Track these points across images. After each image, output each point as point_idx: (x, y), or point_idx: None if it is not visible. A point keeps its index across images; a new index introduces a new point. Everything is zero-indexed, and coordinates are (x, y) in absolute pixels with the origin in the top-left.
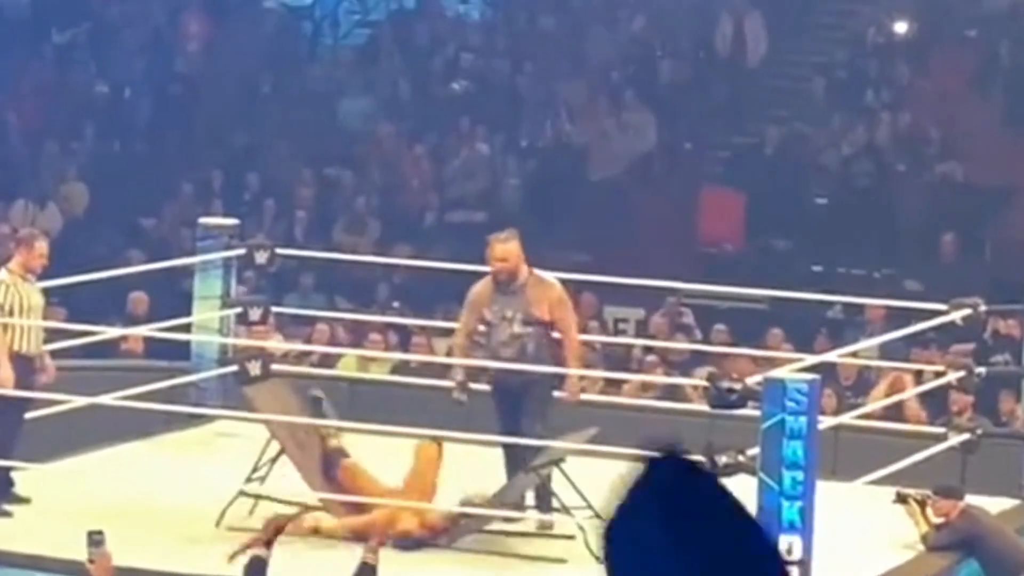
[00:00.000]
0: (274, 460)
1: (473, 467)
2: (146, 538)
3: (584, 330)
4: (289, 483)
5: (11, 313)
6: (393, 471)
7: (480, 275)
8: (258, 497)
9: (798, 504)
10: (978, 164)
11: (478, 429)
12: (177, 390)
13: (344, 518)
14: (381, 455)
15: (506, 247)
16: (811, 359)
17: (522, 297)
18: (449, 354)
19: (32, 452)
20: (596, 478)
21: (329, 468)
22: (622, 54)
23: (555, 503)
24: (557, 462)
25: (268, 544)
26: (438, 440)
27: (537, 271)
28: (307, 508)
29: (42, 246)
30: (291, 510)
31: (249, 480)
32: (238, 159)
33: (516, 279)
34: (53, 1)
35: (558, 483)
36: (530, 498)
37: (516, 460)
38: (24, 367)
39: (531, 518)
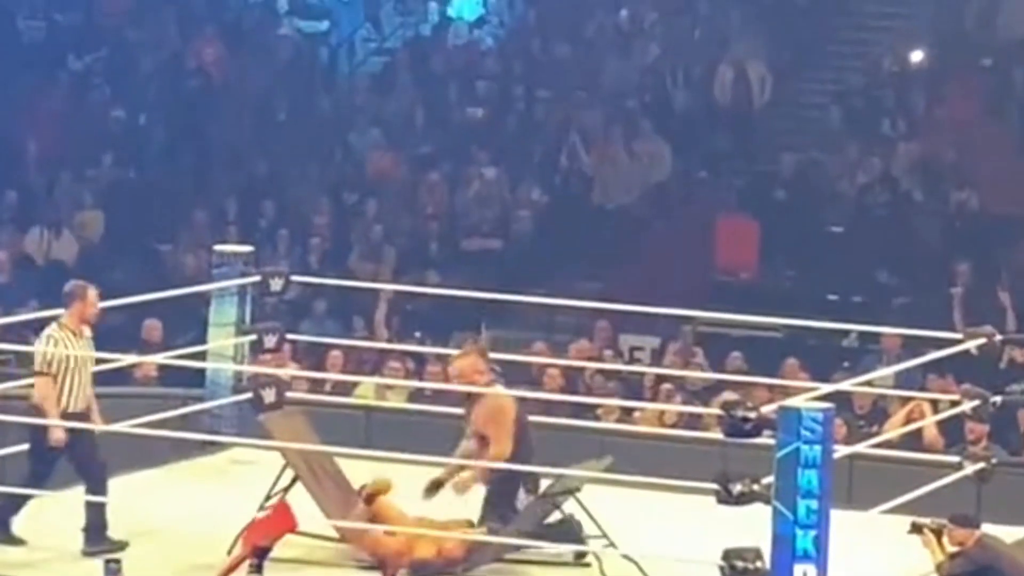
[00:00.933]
0: (287, 489)
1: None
2: (161, 566)
3: (599, 358)
4: (303, 512)
5: (57, 370)
6: (409, 499)
7: (496, 303)
8: None
9: (813, 533)
10: (994, 192)
11: None
12: (191, 418)
13: (361, 547)
14: (397, 483)
15: (458, 363)
16: (826, 388)
17: (474, 411)
18: None
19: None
20: (612, 507)
21: (350, 496)
22: (637, 83)
23: (571, 532)
24: (572, 491)
25: (259, 568)
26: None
27: (492, 386)
28: (324, 538)
29: (93, 294)
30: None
31: (263, 508)
32: (254, 186)
33: (470, 395)
34: (69, 27)
35: (574, 512)
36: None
37: (500, 499)
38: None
39: (547, 547)
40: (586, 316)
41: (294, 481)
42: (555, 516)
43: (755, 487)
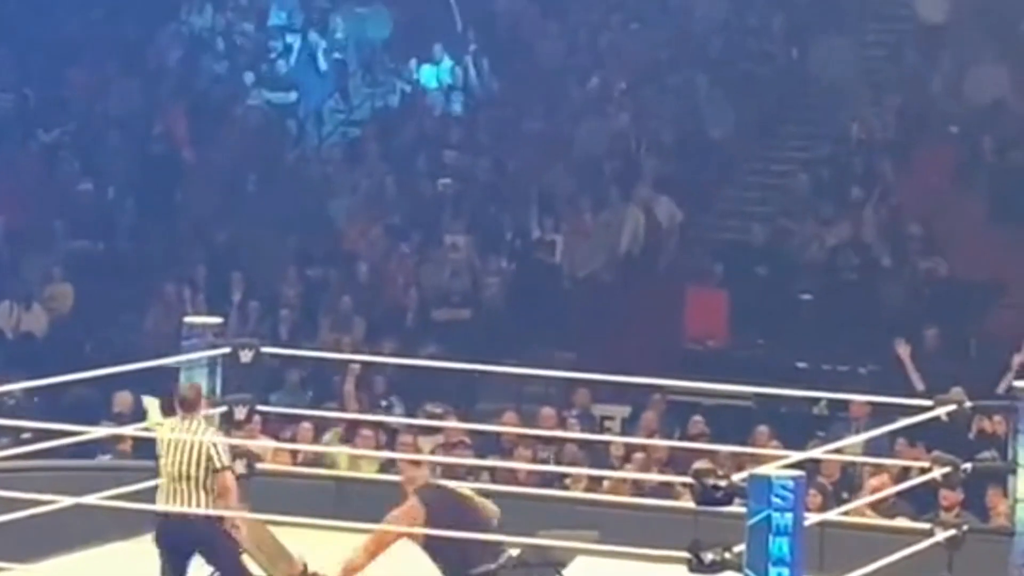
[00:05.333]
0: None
1: None
2: None
3: (567, 426)
4: None
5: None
6: (383, 567)
7: (465, 372)
8: None
9: None
10: (962, 260)
11: None
12: None
13: None
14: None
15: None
16: (796, 456)
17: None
18: None
19: (17, 552)
20: None
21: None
22: (606, 151)
23: None
24: (557, 566)
25: None
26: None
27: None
28: None
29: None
30: None
31: None
32: (223, 257)
33: None
34: (38, 100)
35: None
36: None
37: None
38: None
39: None
40: (556, 386)
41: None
42: None
43: (727, 555)
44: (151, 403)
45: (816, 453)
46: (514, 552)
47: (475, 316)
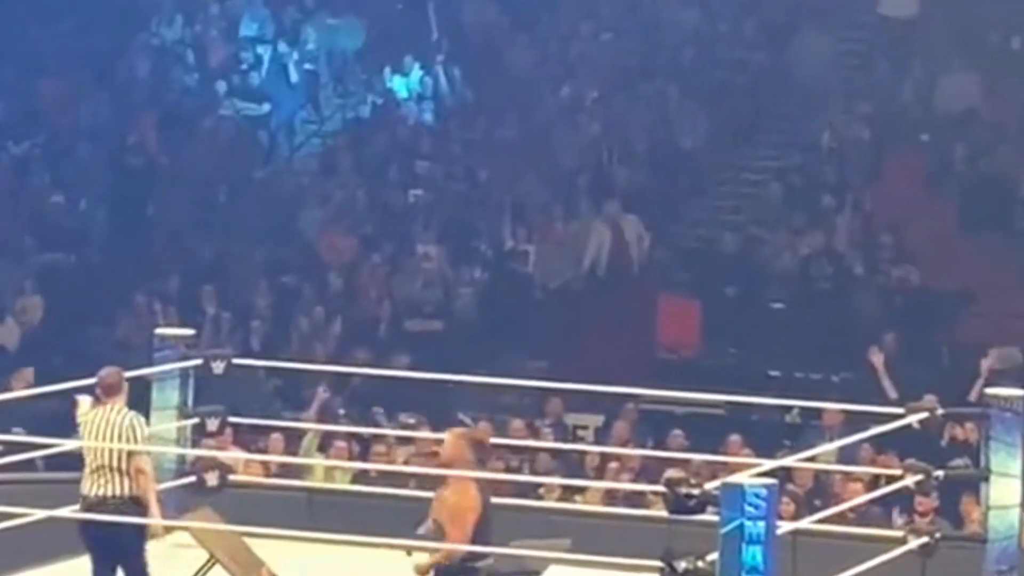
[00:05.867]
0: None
1: None
2: None
3: (540, 435)
4: None
5: None
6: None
7: (439, 383)
8: None
9: None
10: (934, 268)
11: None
12: None
13: None
14: (341, 565)
15: (446, 450)
16: (769, 464)
17: (439, 497)
18: None
19: None
20: None
21: None
22: (578, 160)
23: None
24: (531, 575)
25: None
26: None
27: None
28: None
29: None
30: None
31: None
32: (194, 269)
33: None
34: (8, 113)
35: None
36: None
37: None
38: None
39: None
40: (529, 395)
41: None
42: None
43: (700, 564)
44: (84, 400)
45: (789, 461)
46: (489, 561)
47: (448, 326)
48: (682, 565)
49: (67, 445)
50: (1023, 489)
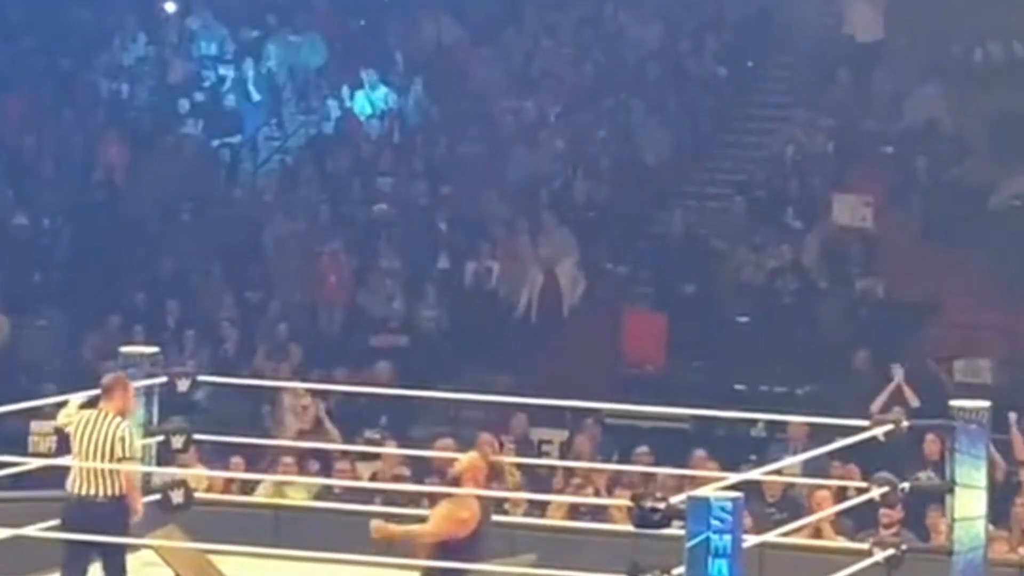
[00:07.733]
0: None
1: None
2: None
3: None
4: None
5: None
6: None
7: (405, 399)
8: None
9: None
10: (898, 280)
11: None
12: None
13: None
14: None
15: (459, 465)
16: (735, 477)
17: (438, 504)
18: None
19: None
20: None
21: None
22: (542, 176)
23: None
24: None
25: None
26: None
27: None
28: None
29: (131, 385)
30: None
31: None
32: (159, 286)
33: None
34: None
35: None
36: None
37: None
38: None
39: None
40: (493, 410)
41: None
42: None
43: None
44: (73, 401)
45: (755, 475)
46: None
47: (412, 342)
48: None
49: (32, 464)
50: (988, 501)
